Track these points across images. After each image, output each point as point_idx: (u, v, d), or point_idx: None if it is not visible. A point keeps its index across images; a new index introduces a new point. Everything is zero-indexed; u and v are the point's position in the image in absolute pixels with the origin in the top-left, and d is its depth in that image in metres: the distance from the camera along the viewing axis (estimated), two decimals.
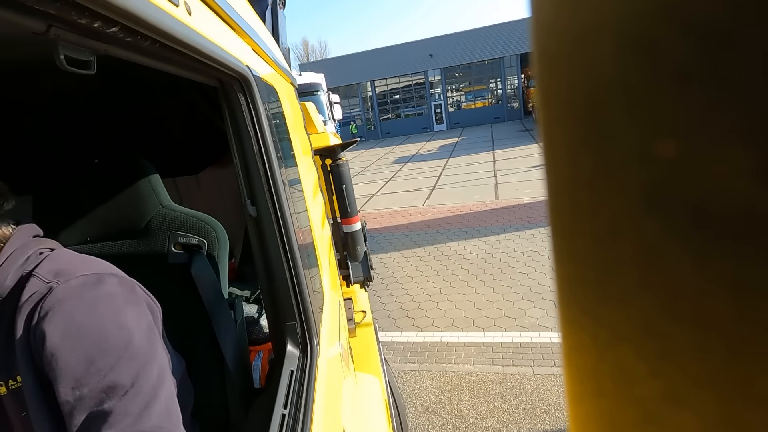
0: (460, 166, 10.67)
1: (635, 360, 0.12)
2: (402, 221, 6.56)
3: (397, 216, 6.89)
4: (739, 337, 0.09)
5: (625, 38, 0.10)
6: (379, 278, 4.51)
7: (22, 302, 0.64)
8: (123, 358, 0.63)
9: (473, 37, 20.21)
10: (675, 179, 0.10)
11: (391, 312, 3.85)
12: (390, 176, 10.90)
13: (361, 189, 9.63)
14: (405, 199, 8.07)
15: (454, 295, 3.99)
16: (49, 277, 0.66)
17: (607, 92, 0.11)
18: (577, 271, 0.13)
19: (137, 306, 0.71)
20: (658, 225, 0.10)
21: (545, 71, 0.13)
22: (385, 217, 6.96)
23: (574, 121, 0.12)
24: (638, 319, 0.11)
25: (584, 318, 0.13)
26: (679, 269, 0.10)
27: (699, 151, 0.09)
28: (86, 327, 0.63)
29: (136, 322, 0.67)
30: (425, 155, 13.80)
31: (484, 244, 5.08)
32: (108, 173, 1.05)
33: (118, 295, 0.69)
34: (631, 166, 0.11)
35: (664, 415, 0.11)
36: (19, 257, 0.68)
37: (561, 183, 0.13)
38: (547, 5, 0.13)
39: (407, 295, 4.14)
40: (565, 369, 0.15)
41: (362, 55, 22.61)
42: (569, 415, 0.15)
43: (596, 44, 0.11)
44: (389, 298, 4.13)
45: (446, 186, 8.67)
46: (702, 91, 0.09)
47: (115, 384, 0.61)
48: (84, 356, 0.61)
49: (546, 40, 0.13)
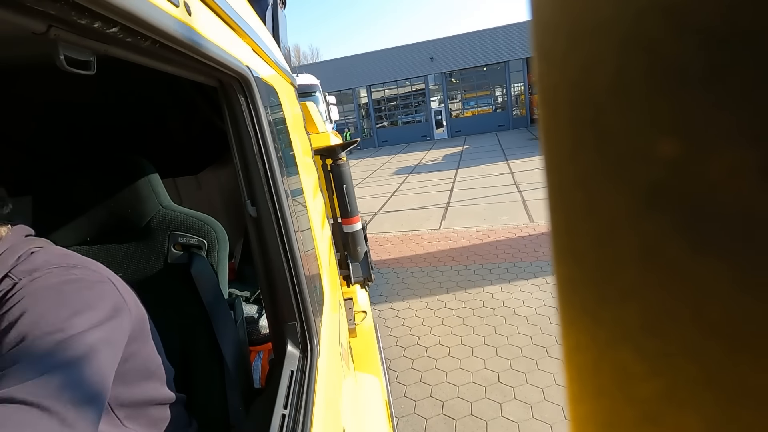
0: (474, 179, 9.09)
1: (635, 360, 0.12)
2: (416, 250, 5.14)
3: (409, 243, 5.46)
4: (739, 336, 0.09)
5: (624, 38, 0.10)
6: (398, 346, 3.07)
7: None
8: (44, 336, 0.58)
9: (476, 40, 18.94)
10: (674, 179, 0.10)
11: (428, 422, 2.28)
12: (392, 190, 9.37)
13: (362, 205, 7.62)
14: (415, 218, 6.65)
15: (522, 388, 2.41)
16: (21, 275, 0.65)
17: (607, 92, 0.11)
18: (576, 271, 0.13)
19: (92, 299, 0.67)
20: (657, 225, 0.10)
21: (545, 71, 0.13)
22: (395, 244, 5.51)
23: (573, 120, 0.12)
24: (638, 319, 0.11)
25: (584, 318, 0.13)
26: (678, 269, 0.10)
27: (698, 151, 0.09)
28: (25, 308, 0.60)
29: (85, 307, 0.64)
30: (429, 165, 12.38)
31: (540, 291, 3.52)
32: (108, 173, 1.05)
33: (72, 282, 0.66)
34: (631, 166, 0.11)
35: (664, 415, 0.11)
36: (9, 258, 0.67)
37: (561, 183, 0.13)
38: (547, 5, 0.13)
39: (447, 385, 2.55)
40: (565, 369, 0.15)
41: (357, 59, 21.15)
42: (569, 415, 0.15)
43: (595, 44, 0.11)
44: (419, 391, 2.53)
45: (462, 203, 7.19)
46: (701, 91, 0.09)
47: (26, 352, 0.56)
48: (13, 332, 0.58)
49: (546, 40, 0.13)
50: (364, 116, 22.17)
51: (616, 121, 0.11)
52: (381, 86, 21.47)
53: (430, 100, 21.01)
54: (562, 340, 0.14)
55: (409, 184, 9.86)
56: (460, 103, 21.12)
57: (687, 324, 0.10)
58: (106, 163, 1.05)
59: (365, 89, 21.61)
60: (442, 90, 20.73)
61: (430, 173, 10.90)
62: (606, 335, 0.12)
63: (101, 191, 1.03)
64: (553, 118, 0.13)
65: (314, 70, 21.20)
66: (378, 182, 10.78)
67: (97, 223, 1.03)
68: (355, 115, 22.06)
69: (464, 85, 21.02)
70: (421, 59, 20.06)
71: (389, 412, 1.61)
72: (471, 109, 20.99)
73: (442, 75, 20.29)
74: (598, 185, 0.12)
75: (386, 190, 9.51)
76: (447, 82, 20.62)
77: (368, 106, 21.81)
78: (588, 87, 0.11)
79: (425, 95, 21.13)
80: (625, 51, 0.10)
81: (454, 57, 19.64)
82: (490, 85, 20.37)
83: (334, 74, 21.19)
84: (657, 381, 0.11)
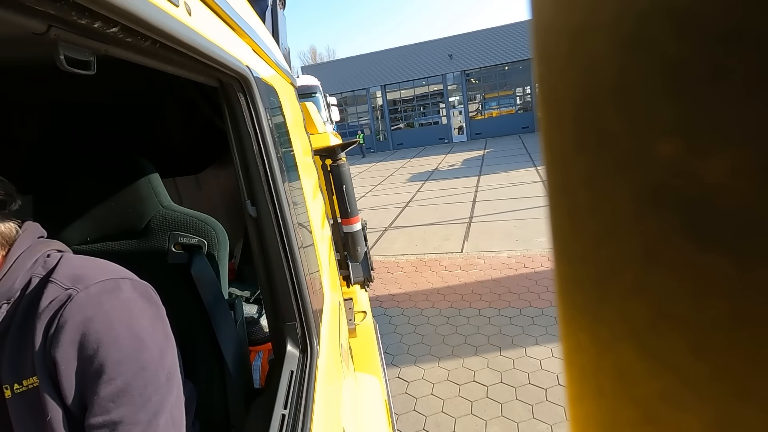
0: (499, 188, 7.95)
1: (635, 360, 0.12)
2: (434, 281, 4.10)
3: (424, 270, 4.44)
4: (739, 336, 0.09)
5: (623, 38, 0.10)
6: None
7: (42, 309, 0.65)
8: (134, 368, 0.64)
9: (498, 36, 17.64)
10: (673, 179, 0.10)
11: None
12: (407, 199, 8.37)
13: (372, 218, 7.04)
14: (432, 236, 5.64)
15: None
16: (68, 283, 0.67)
17: (606, 92, 0.11)
18: (576, 271, 0.13)
19: (152, 312, 0.72)
20: (656, 225, 0.10)
21: (545, 71, 0.13)
22: (407, 271, 4.47)
23: (573, 121, 0.12)
24: (638, 319, 0.11)
25: (584, 318, 0.13)
26: (678, 269, 0.10)
27: (697, 151, 0.09)
28: (102, 336, 0.64)
29: (149, 331, 0.69)
30: (448, 171, 11.20)
31: None
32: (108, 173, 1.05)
33: (134, 301, 0.71)
34: (630, 166, 0.11)
35: (664, 415, 0.11)
36: (27, 260, 0.69)
37: (560, 183, 0.13)
38: (547, 6, 0.13)
39: None
40: (565, 369, 0.15)
41: (372, 57, 20.10)
42: (569, 415, 0.15)
43: (595, 44, 0.11)
44: None
45: (487, 218, 6.06)
46: (700, 91, 0.09)
47: (125, 393, 0.63)
48: (97, 365, 0.63)
49: (546, 41, 0.13)
50: (379, 118, 21.14)
51: (617, 122, 0.11)
52: (396, 86, 20.43)
53: (448, 100, 19.84)
54: (562, 340, 0.14)
55: (425, 193, 8.85)
56: (480, 103, 19.84)
57: (686, 324, 0.10)
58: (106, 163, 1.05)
59: (380, 89, 20.56)
60: (462, 90, 19.51)
61: (448, 180, 9.89)
62: (607, 334, 0.12)
63: (101, 191, 1.03)
64: (553, 118, 0.13)
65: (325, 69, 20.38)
66: (390, 190, 9.79)
67: (98, 223, 1.03)
68: (369, 116, 21.03)
69: (485, 84, 19.75)
70: (438, 57, 18.98)
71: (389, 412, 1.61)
72: (492, 110, 19.68)
73: (461, 74, 19.17)
74: (600, 185, 0.12)
75: (399, 199, 8.52)
76: (466, 82, 19.39)
77: (383, 107, 20.78)
78: (589, 87, 0.11)
79: (443, 95, 19.90)
80: (627, 52, 0.10)
81: (474, 54, 18.44)
82: (512, 85, 19.18)
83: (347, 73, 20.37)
84: (656, 381, 0.11)
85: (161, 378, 0.67)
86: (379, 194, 9.41)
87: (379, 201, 8.62)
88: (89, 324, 0.64)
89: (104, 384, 0.62)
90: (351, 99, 21.32)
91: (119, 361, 0.64)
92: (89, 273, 0.70)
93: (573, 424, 0.15)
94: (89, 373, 0.63)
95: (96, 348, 0.63)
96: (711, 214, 0.09)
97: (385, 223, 6.78)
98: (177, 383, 0.70)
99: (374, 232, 6.25)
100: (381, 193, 9.49)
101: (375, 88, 20.63)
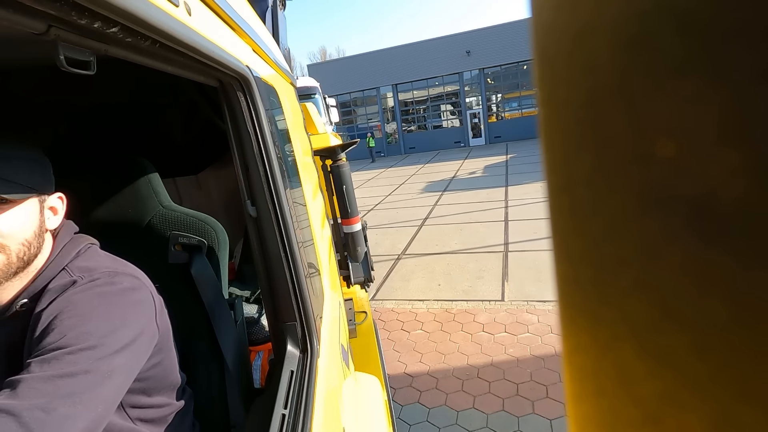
0: (533, 203, 6.39)
1: (635, 360, 0.12)
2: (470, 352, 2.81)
3: (454, 329, 3.14)
4: (738, 337, 0.09)
5: (623, 38, 0.10)
6: None
7: (47, 291, 0.70)
8: (85, 342, 0.63)
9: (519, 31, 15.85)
10: (673, 179, 0.10)
11: None
12: (422, 215, 6.85)
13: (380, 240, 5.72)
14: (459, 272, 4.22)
15: None
16: (77, 272, 0.72)
17: (606, 92, 0.11)
18: (576, 271, 0.13)
19: (135, 311, 0.73)
20: (656, 225, 0.10)
21: (545, 71, 0.13)
22: (430, 330, 3.18)
23: (573, 120, 0.12)
24: (638, 319, 0.11)
25: (584, 318, 0.13)
26: (677, 269, 0.10)
27: (697, 151, 0.09)
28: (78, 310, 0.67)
29: (117, 325, 0.68)
30: (468, 180, 9.64)
31: None
32: (108, 173, 1.05)
33: (121, 293, 0.72)
34: (630, 166, 0.11)
35: (664, 415, 0.11)
36: (71, 250, 0.75)
37: (560, 182, 0.13)
38: (547, 6, 0.13)
39: None
40: (565, 369, 0.15)
41: (382, 54, 18.25)
42: (569, 415, 0.15)
43: (595, 44, 0.11)
44: None
45: (528, 245, 4.65)
46: (700, 91, 0.09)
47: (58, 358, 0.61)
48: (56, 327, 0.64)
49: (546, 41, 0.13)
50: (390, 119, 19.38)
51: (615, 121, 0.11)
52: (409, 86, 18.60)
53: (464, 101, 17.97)
54: (562, 341, 0.14)
55: (444, 207, 7.25)
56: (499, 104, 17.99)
57: (686, 324, 0.10)
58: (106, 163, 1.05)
59: (391, 88, 18.75)
60: (480, 89, 17.63)
61: (470, 191, 8.26)
62: (607, 334, 0.12)
63: (102, 191, 1.03)
64: (553, 118, 0.13)
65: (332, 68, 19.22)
66: (403, 202, 8.20)
67: (98, 223, 1.03)
68: (380, 118, 19.22)
69: (504, 83, 17.88)
70: (454, 54, 17.22)
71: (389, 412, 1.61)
72: (513, 112, 17.77)
73: (479, 72, 17.46)
74: (599, 185, 0.12)
75: (414, 215, 6.94)
76: (484, 81, 17.57)
77: (394, 108, 19.02)
78: (587, 87, 0.11)
79: (459, 95, 18.03)
80: (623, 51, 0.10)
81: (493, 51, 16.77)
82: None
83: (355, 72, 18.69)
84: (656, 381, 0.11)
85: (102, 367, 0.63)
86: (390, 207, 7.95)
87: (390, 217, 7.16)
88: (72, 298, 0.68)
89: (48, 342, 0.62)
90: (360, 99, 19.85)
91: (79, 332, 0.64)
92: (99, 266, 0.74)
93: (573, 424, 0.15)
94: (47, 332, 0.64)
95: (64, 318, 0.65)
96: (712, 213, 0.09)
97: (398, 248, 5.36)
98: (113, 388, 0.65)
99: (384, 260, 4.95)
100: (392, 206, 8.00)
101: (386, 89, 19.03)
